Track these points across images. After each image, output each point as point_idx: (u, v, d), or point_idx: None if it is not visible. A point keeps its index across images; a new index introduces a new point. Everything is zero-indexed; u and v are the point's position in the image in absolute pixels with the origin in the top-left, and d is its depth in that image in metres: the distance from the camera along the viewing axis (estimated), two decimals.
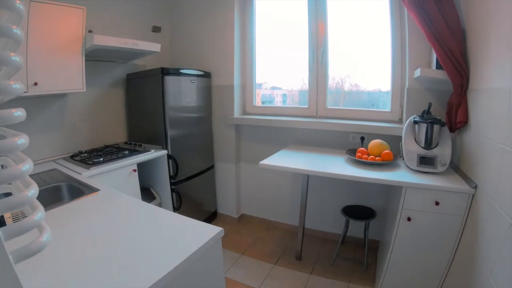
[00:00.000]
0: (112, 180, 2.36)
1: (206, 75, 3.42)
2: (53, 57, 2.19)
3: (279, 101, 3.72)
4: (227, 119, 3.47)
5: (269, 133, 3.40)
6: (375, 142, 2.55)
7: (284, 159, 2.69)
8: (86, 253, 1.12)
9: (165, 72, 2.84)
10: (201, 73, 3.31)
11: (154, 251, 1.14)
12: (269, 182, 3.52)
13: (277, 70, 3.61)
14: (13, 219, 1.45)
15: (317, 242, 3.20)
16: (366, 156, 2.49)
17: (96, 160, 2.42)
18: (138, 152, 2.75)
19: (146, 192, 3.00)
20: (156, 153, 2.82)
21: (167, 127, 2.93)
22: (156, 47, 2.87)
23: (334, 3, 3.05)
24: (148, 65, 3.41)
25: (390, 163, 2.42)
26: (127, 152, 2.71)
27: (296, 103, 3.56)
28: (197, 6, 3.50)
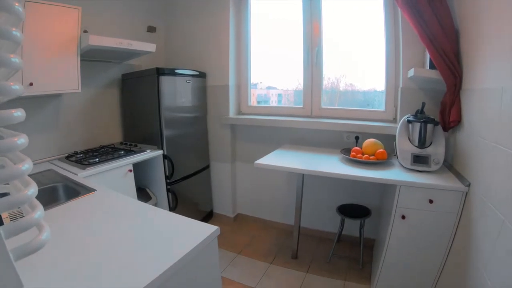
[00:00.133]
0: (108, 181, 2.36)
1: (201, 75, 3.43)
2: (48, 58, 2.19)
3: (274, 101, 3.73)
4: (222, 119, 3.47)
5: (264, 133, 3.41)
6: (369, 141, 2.57)
7: (279, 159, 2.70)
8: (83, 252, 1.12)
9: (160, 72, 2.85)
10: (196, 73, 3.32)
11: (150, 250, 1.15)
12: (265, 181, 3.53)
13: (272, 70, 3.61)
14: (10, 219, 1.45)
15: (313, 241, 3.22)
16: (360, 155, 2.51)
17: (91, 161, 2.41)
18: (134, 152, 2.75)
19: (142, 192, 3.00)
20: (151, 153, 2.83)
21: (163, 127, 2.93)
22: (151, 47, 2.87)
23: (329, 3, 3.07)
24: (143, 65, 3.41)
25: (384, 162, 2.44)
26: (122, 152, 2.71)
27: (292, 103, 3.58)
28: (192, 6, 3.50)
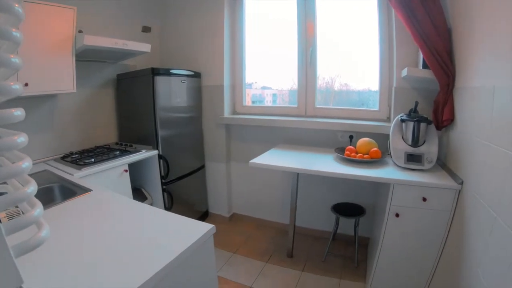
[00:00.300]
0: (104, 181, 2.36)
1: (196, 75, 3.44)
2: (43, 58, 2.19)
3: (269, 101, 3.75)
4: (217, 119, 3.48)
5: (259, 133, 3.42)
6: (363, 140, 2.59)
7: (274, 158, 2.72)
8: (79, 252, 1.13)
9: (155, 72, 2.85)
10: (191, 73, 3.32)
11: (146, 249, 1.16)
12: (260, 181, 3.55)
13: (267, 70, 3.63)
14: (8, 219, 1.45)
15: (308, 240, 3.24)
16: (354, 154, 2.53)
17: (87, 161, 2.41)
18: (129, 152, 2.76)
19: (138, 193, 3.00)
20: (147, 153, 2.83)
21: (158, 127, 2.93)
22: (146, 47, 2.87)
23: (323, 3, 3.09)
24: (138, 65, 3.41)
25: (378, 160, 2.46)
26: (118, 152, 2.71)
27: (287, 103, 3.59)
28: (187, 6, 3.51)
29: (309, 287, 2.52)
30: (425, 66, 2.31)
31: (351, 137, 2.87)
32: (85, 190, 1.79)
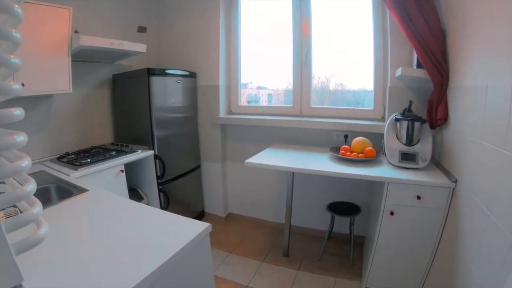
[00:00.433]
0: (100, 181, 2.36)
1: (192, 75, 3.44)
2: (39, 58, 2.18)
3: (264, 101, 3.76)
4: (212, 119, 3.49)
5: (254, 133, 3.44)
6: (358, 139, 2.61)
7: (269, 158, 2.73)
8: (76, 251, 1.14)
9: (151, 72, 2.85)
10: (186, 73, 3.33)
11: (142, 248, 1.17)
12: (255, 181, 3.56)
13: (262, 70, 3.64)
14: (6, 219, 1.45)
15: (304, 239, 3.25)
16: (349, 153, 2.55)
17: (83, 161, 2.41)
18: (125, 152, 2.76)
19: (134, 193, 3.00)
20: (142, 154, 2.83)
21: (154, 128, 2.93)
22: (141, 47, 2.87)
23: (318, 3, 3.10)
24: (134, 65, 3.40)
25: (372, 159, 2.48)
26: (114, 152, 2.71)
27: (282, 103, 3.61)
28: (183, 7, 3.51)
29: (305, 285, 2.54)
30: (419, 65, 2.33)
31: (346, 136, 2.88)
32: (81, 190, 1.79)
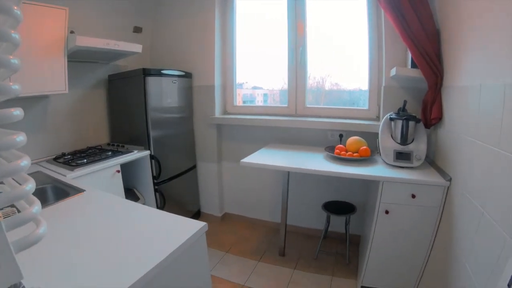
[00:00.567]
0: (96, 181, 2.36)
1: (187, 75, 3.44)
2: (35, 58, 2.17)
3: (260, 101, 3.77)
4: (208, 119, 3.49)
5: (250, 132, 3.45)
6: (353, 139, 2.63)
7: (265, 157, 2.74)
8: (73, 251, 1.14)
9: (147, 73, 2.85)
10: (182, 73, 3.33)
11: (139, 247, 1.17)
12: (251, 180, 3.57)
13: (258, 70, 3.65)
14: (4, 218, 1.45)
15: (300, 238, 3.27)
16: (344, 152, 2.56)
17: (79, 162, 2.41)
18: (121, 153, 2.76)
19: (130, 193, 3.00)
20: (138, 154, 2.83)
21: (149, 128, 2.94)
22: (137, 47, 2.87)
23: (314, 3, 3.12)
24: (130, 65, 3.40)
25: (367, 158, 2.50)
26: (110, 153, 2.71)
27: (278, 103, 3.62)
28: (178, 7, 3.51)
29: (302, 284, 2.55)
30: (413, 65, 2.35)
31: (341, 136, 2.90)
32: (78, 190, 1.79)
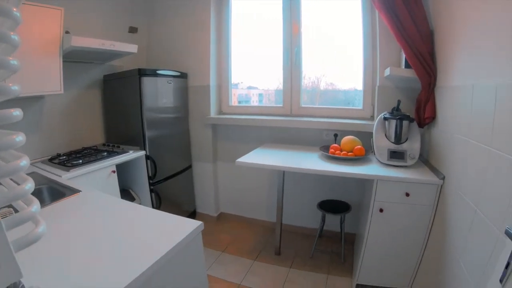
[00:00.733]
0: (92, 182, 2.35)
1: (183, 75, 3.44)
2: (31, 59, 2.16)
3: (255, 101, 3.78)
4: (203, 119, 3.49)
5: (245, 132, 3.45)
6: (347, 138, 2.64)
7: (260, 157, 2.76)
8: (69, 251, 1.14)
9: (142, 73, 2.85)
10: (177, 73, 3.33)
11: (136, 247, 1.18)
12: (247, 180, 3.58)
13: (253, 70, 3.66)
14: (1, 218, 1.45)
15: (296, 237, 3.29)
16: (339, 152, 2.58)
17: (75, 162, 2.40)
18: (117, 153, 2.75)
19: (125, 194, 2.99)
20: (134, 154, 2.83)
21: (145, 128, 2.93)
22: (133, 48, 2.86)
23: (309, 3, 3.13)
24: (125, 66, 3.39)
25: (362, 158, 2.51)
26: (105, 153, 2.70)
27: (273, 103, 3.63)
28: (173, 7, 3.51)
29: (297, 283, 2.57)
30: (407, 65, 2.37)
31: (335, 135, 2.92)
32: (74, 191, 1.79)
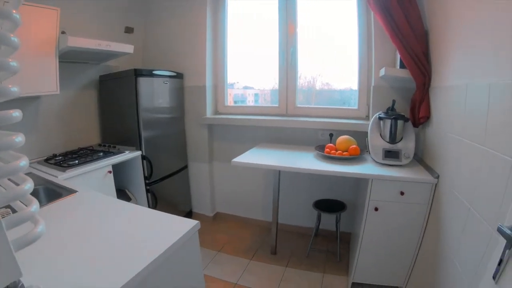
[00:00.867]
0: (88, 182, 2.35)
1: (179, 76, 3.45)
2: (27, 59, 2.14)
3: (251, 101, 3.79)
4: (199, 119, 3.50)
5: (241, 132, 3.46)
6: (342, 138, 2.66)
7: (256, 157, 2.77)
8: (67, 251, 1.15)
9: (138, 73, 2.85)
10: (173, 74, 3.33)
11: (132, 247, 1.18)
12: (242, 180, 3.59)
13: (249, 70, 3.67)
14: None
15: (291, 236, 3.30)
16: (334, 151, 2.60)
17: (71, 163, 2.40)
18: (113, 153, 2.75)
19: (122, 194, 2.99)
20: (130, 154, 2.83)
21: (141, 128, 2.93)
22: (129, 48, 2.86)
23: (305, 3, 3.15)
24: (121, 66, 3.38)
25: (357, 157, 2.53)
26: (101, 154, 2.70)
27: (269, 102, 3.64)
28: (170, 7, 3.51)
29: (293, 282, 2.58)
30: (402, 65, 2.40)
31: (331, 135, 2.93)
32: (70, 191, 1.79)
